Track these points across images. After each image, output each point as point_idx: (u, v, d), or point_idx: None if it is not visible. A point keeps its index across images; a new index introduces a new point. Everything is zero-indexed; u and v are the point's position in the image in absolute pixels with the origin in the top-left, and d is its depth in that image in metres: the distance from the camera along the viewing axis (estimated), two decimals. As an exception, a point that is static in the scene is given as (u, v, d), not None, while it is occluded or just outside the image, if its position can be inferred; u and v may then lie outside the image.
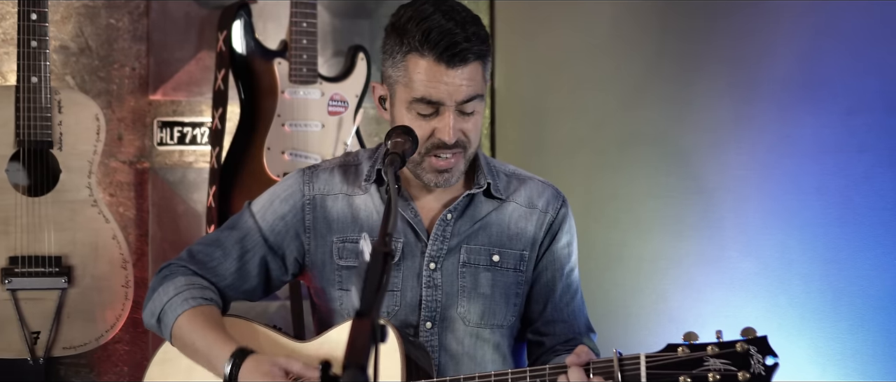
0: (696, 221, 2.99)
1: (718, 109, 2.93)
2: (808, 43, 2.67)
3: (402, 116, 2.17)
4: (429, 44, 2.09)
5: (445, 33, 2.09)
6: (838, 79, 2.58)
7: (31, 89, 2.92)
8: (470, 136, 2.18)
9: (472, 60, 2.12)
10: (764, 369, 1.79)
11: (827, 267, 2.61)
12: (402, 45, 2.14)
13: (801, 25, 2.69)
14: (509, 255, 2.30)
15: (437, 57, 2.09)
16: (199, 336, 2.18)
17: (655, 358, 1.86)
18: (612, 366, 1.89)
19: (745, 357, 1.80)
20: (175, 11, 3.47)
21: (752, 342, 1.81)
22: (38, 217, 2.96)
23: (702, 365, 1.82)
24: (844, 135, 2.56)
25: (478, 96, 2.15)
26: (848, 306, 2.56)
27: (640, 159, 3.20)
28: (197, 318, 2.20)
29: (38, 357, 2.96)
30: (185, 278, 2.27)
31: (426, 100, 2.12)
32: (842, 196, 2.58)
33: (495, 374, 2.03)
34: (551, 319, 2.34)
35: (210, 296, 2.25)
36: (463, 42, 2.10)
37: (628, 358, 1.88)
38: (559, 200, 2.36)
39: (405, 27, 2.13)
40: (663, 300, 3.08)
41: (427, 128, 2.15)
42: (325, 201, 2.31)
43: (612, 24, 3.36)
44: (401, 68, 2.15)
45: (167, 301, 2.24)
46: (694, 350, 1.83)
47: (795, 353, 2.63)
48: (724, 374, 1.80)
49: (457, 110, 2.14)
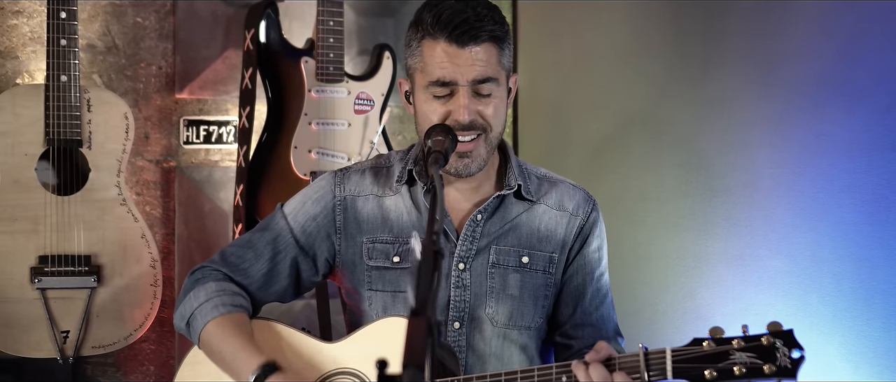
0: (724, 220, 2.98)
1: (748, 108, 2.92)
2: (842, 41, 2.66)
3: (420, 103, 2.19)
4: (440, 25, 2.12)
5: (456, 13, 2.12)
6: (873, 77, 2.57)
7: (60, 88, 2.93)
8: (489, 119, 2.18)
9: (484, 39, 2.13)
10: (790, 362, 1.78)
11: (859, 265, 2.60)
12: (417, 32, 2.17)
13: (836, 24, 2.68)
14: (539, 257, 2.30)
15: (448, 36, 2.12)
16: (226, 344, 2.20)
17: (681, 352, 1.85)
18: (637, 361, 1.89)
19: (770, 351, 1.79)
20: (201, 10, 3.47)
21: (778, 335, 1.80)
22: (67, 216, 2.97)
23: (727, 359, 1.81)
24: (879, 134, 2.55)
25: (492, 79, 2.15)
26: (881, 304, 2.55)
27: (668, 158, 3.20)
28: (225, 326, 2.21)
29: (68, 356, 2.97)
30: (216, 283, 2.27)
31: (440, 82, 2.14)
32: (875, 194, 2.57)
33: (506, 373, 2.03)
34: (580, 323, 2.34)
35: (240, 302, 2.26)
36: (474, 21, 2.12)
37: (654, 353, 1.89)
38: (590, 204, 2.36)
39: (420, 16, 2.18)
40: (690, 298, 3.08)
41: (443, 110, 2.16)
42: (356, 202, 2.32)
43: (637, 23, 3.35)
44: (417, 55, 2.18)
45: (198, 306, 2.24)
46: (719, 344, 1.83)
47: (827, 351, 2.63)
48: (750, 367, 1.79)
49: (471, 90, 2.14)
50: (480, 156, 2.20)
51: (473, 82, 2.14)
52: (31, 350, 2.95)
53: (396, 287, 2.28)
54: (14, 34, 3.24)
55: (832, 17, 2.69)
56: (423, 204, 2.28)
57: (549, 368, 1.99)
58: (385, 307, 2.28)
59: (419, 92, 2.20)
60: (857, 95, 2.61)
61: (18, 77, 3.23)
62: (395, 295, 2.28)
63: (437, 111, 2.15)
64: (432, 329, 1.38)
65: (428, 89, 2.16)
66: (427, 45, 2.15)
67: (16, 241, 2.92)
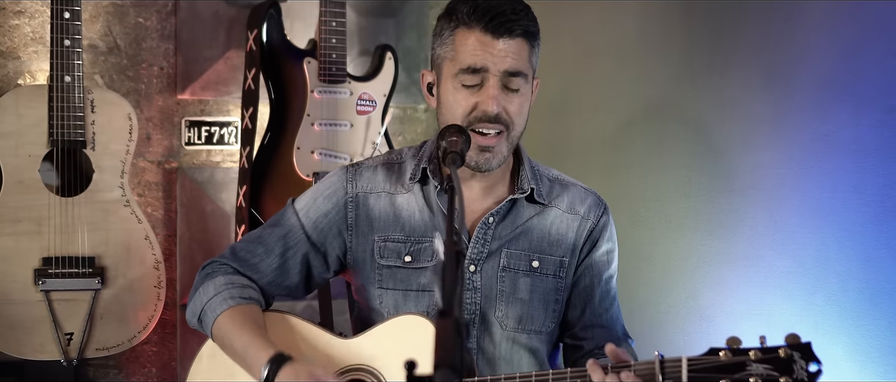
0: (728, 220, 2.99)
1: (752, 108, 2.93)
2: (848, 41, 2.67)
3: (447, 92, 2.19)
4: (476, 15, 2.14)
5: (493, 6, 2.14)
6: (879, 78, 2.58)
7: (64, 88, 2.92)
8: (513, 116, 2.18)
9: (518, 34, 2.15)
10: (807, 375, 1.77)
11: (865, 265, 2.61)
12: (451, 22, 2.18)
13: (841, 24, 2.69)
14: (549, 261, 2.30)
15: (484, 26, 2.13)
16: (237, 337, 2.18)
17: (697, 362, 1.84)
18: (653, 368, 1.88)
19: (788, 363, 1.78)
20: (203, 10, 3.46)
21: (796, 347, 1.79)
22: (71, 217, 2.95)
23: (744, 370, 1.80)
24: (885, 134, 2.56)
25: (523, 74, 2.17)
26: (887, 304, 2.56)
27: (671, 158, 3.20)
28: (235, 318, 2.20)
29: (72, 358, 2.95)
30: (225, 277, 2.26)
31: (472, 69, 2.14)
32: (881, 194, 2.58)
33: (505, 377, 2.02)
34: (589, 324, 2.34)
35: (251, 294, 2.25)
36: (511, 14, 2.14)
37: (670, 361, 1.87)
38: (601, 207, 2.37)
39: (455, 6, 2.19)
40: (693, 298, 3.08)
41: (471, 100, 2.16)
42: (368, 199, 2.31)
43: (641, 21, 3.35)
44: (448, 44, 2.18)
45: (208, 300, 2.23)
46: (736, 355, 1.81)
47: (833, 352, 2.64)
48: (766, 379, 1.78)
49: (501, 82, 2.15)
50: (502, 153, 2.20)
51: (505, 74, 2.15)
52: (35, 352, 2.94)
53: (407, 286, 2.27)
54: (16, 34, 3.22)
55: (838, 18, 2.70)
56: (436, 203, 2.27)
57: (565, 373, 1.99)
58: (396, 305, 2.27)
59: (446, 81, 2.19)
60: (863, 96, 2.62)
61: (20, 77, 3.22)
62: (406, 293, 2.27)
63: (465, 102, 2.16)
64: (461, 330, 1.38)
65: (457, 77, 2.16)
66: (461, 33, 2.16)
67: (19, 243, 2.91)
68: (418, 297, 2.26)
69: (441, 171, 2.26)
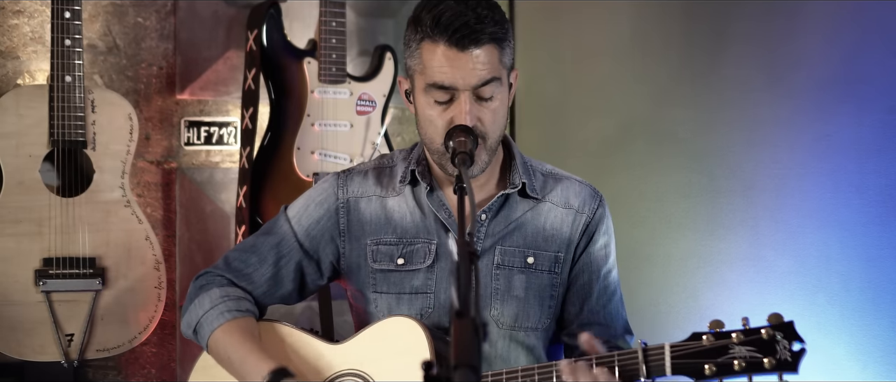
0: (728, 220, 2.99)
1: (753, 109, 2.93)
2: (849, 42, 2.67)
3: (421, 105, 2.15)
4: (440, 28, 2.07)
5: (456, 16, 2.07)
6: (879, 79, 2.59)
7: (64, 88, 2.90)
8: (487, 126, 2.13)
9: (485, 42, 2.08)
10: (790, 355, 1.76)
11: (867, 265, 2.61)
12: (417, 33, 2.12)
13: (842, 25, 2.70)
14: (544, 257, 2.27)
15: (448, 40, 2.07)
16: (234, 351, 2.18)
17: (680, 348, 1.83)
18: (636, 357, 1.87)
19: (770, 344, 1.76)
20: (202, 10, 3.45)
21: (778, 327, 1.77)
22: (71, 218, 2.94)
23: (727, 353, 1.79)
24: (887, 135, 2.56)
25: (494, 79, 2.10)
26: (889, 304, 2.57)
27: (670, 158, 3.20)
28: (233, 332, 2.20)
29: (72, 360, 2.94)
30: (220, 289, 2.26)
31: (440, 86, 2.09)
32: (882, 195, 2.58)
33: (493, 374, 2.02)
34: (588, 322, 2.30)
35: (246, 307, 2.25)
36: (475, 23, 2.06)
37: (653, 349, 1.86)
38: (596, 200, 2.33)
39: (419, 16, 2.12)
40: (693, 298, 3.09)
41: (445, 117, 2.11)
42: (359, 204, 2.30)
43: (638, 21, 3.36)
44: (416, 56, 2.13)
45: (203, 314, 2.23)
46: (719, 338, 1.81)
47: (835, 351, 2.64)
48: (750, 361, 1.77)
49: (473, 95, 2.10)
50: (482, 160, 2.17)
51: (475, 88, 2.10)
52: (36, 353, 2.92)
53: (400, 289, 2.26)
54: (15, 34, 3.20)
55: (838, 18, 2.71)
56: (426, 204, 2.26)
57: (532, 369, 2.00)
58: (390, 309, 2.26)
59: (419, 94, 2.16)
60: (864, 97, 2.63)
61: (19, 77, 3.20)
62: (400, 296, 2.26)
63: (440, 119, 2.12)
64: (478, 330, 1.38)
65: (428, 93, 2.12)
66: (426, 47, 2.10)
67: (20, 244, 2.89)
68: (411, 300, 2.25)
69: (430, 172, 2.26)
